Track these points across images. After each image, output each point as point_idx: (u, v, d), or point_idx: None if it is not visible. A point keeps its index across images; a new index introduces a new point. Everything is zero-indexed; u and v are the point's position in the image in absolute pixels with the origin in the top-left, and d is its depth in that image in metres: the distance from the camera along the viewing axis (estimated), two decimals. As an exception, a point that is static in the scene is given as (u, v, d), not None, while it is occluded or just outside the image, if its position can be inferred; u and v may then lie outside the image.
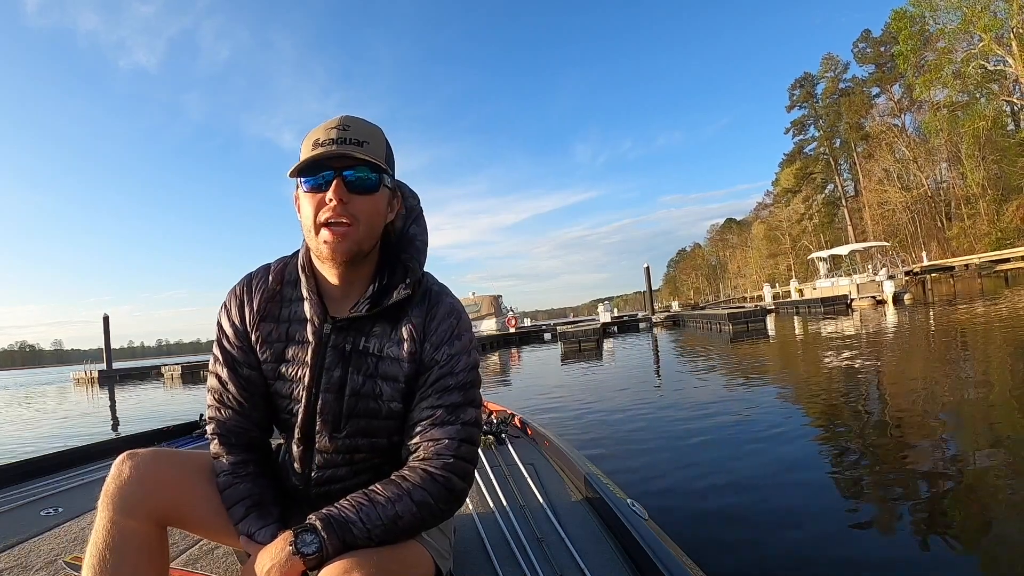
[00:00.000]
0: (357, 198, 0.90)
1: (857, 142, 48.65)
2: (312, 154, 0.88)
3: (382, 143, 0.95)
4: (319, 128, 0.91)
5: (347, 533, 0.80)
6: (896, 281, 20.65)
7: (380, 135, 0.95)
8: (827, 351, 8.59)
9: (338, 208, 0.88)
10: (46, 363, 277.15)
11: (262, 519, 0.92)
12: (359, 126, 0.92)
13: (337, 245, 0.89)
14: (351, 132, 0.90)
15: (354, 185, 0.90)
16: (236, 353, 1.00)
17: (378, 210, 0.94)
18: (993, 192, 35.29)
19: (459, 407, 0.94)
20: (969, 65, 29.93)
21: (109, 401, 14.21)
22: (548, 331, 27.40)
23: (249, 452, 1.00)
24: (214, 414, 1.01)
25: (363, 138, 0.90)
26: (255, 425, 1.01)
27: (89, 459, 2.50)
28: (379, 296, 0.95)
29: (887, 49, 43.09)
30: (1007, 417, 3.63)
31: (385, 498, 0.85)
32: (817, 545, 2.09)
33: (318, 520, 0.81)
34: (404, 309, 0.97)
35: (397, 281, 0.96)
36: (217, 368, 1.01)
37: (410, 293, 0.96)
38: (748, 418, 4.33)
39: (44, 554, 1.42)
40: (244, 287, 1.02)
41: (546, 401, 6.51)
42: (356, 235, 0.90)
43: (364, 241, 0.92)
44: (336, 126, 0.90)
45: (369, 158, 0.89)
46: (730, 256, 79.48)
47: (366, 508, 0.83)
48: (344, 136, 0.89)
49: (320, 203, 0.89)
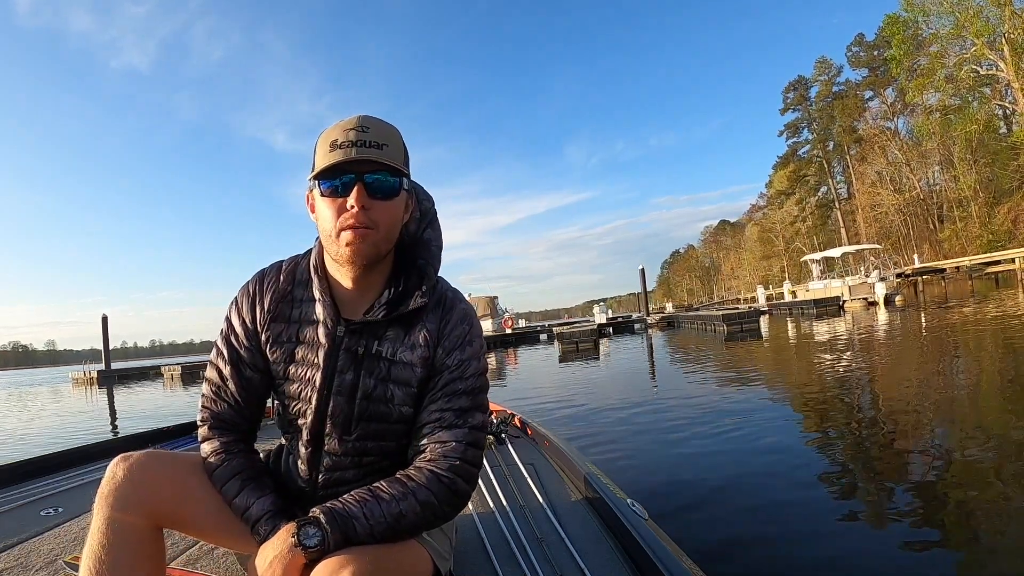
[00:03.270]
0: (377, 203, 0.89)
1: (850, 145, 48.96)
2: (333, 160, 0.86)
3: (400, 145, 0.92)
4: (336, 128, 0.89)
5: (349, 528, 0.80)
6: (888, 283, 20.84)
7: (398, 136, 0.93)
8: (820, 351, 8.68)
9: (359, 214, 0.87)
10: (39, 363, 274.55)
11: (258, 490, 0.92)
12: (378, 127, 0.89)
13: (358, 250, 0.88)
14: (371, 134, 0.87)
15: (375, 190, 0.88)
16: (243, 352, 0.99)
17: (397, 214, 0.93)
18: (985, 195, 35.60)
19: (467, 411, 0.94)
20: (961, 69, 30.20)
21: (108, 401, 14.13)
22: (544, 332, 27.54)
23: (239, 435, 0.99)
24: (208, 404, 1.00)
25: (383, 140, 0.88)
26: (246, 421, 1.01)
27: (89, 459, 2.48)
28: (396, 302, 0.95)
29: (880, 53, 43.34)
30: (995, 415, 3.68)
31: (389, 495, 0.85)
32: (816, 544, 2.11)
33: (321, 513, 0.81)
34: (419, 314, 0.96)
35: (413, 287, 0.96)
36: (219, 363, 1.00)
37: (427, 301, 0.96)
38: (745, 418, 4.36)
39: (44, 554, 1.41)
40: (256, 285, 1.01)
41: (545, 401, 6.52)
42: (376, 239, 0.89)
43: (383, 245, 0.92)
44: (355, 127, 0.88)
45: (390, 163, 0.87)
46: (724, 258, 79.76)
47: (370, 504, 0.83)
48: (364, 138, 0.87)
49: (340, 208, 0.88)
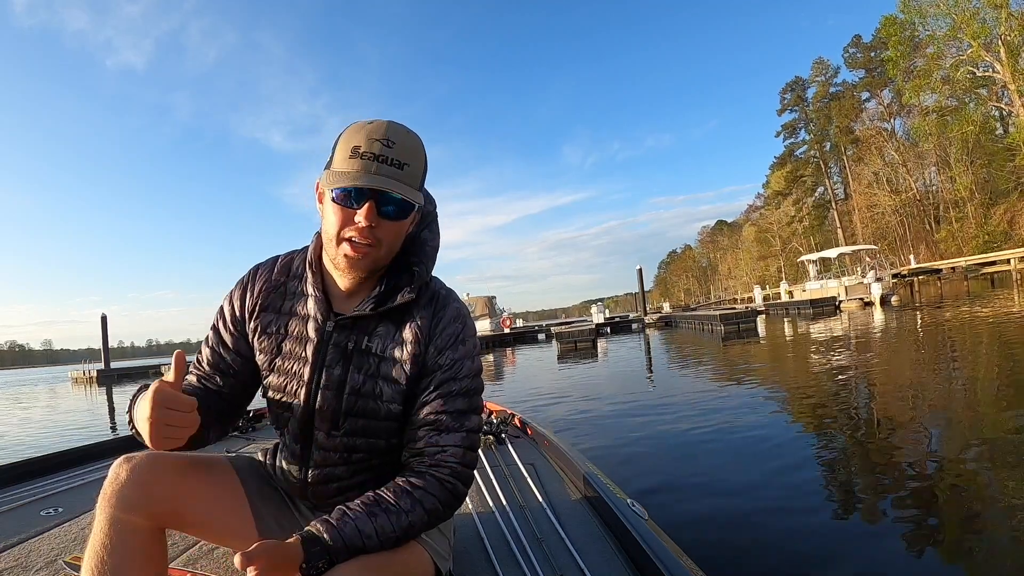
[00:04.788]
0: (386, 223, 0.88)
1: (847, 146, 49.02)
2: (351, 169, 0.85)
3: (422, 162, 0.90)
4: (361, 131, 0.86)
5: (360, 550, 0.80)
6: (884, 283, 20.94)
7: (421, 152, 0.90)
8: (816, 351, 8.70)
9: (365, 231, 0.86)
10: (36, 363, 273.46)
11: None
12: (404, 143, 0.87)
13: (356, 263, 0.89)
14: (395, 151, 0.85)
15: (386, 211, 0.87)
16: (227, 338, 1.01)
17: (403, 232, 0.93)
18: (981, 196, 35.73)
19: (463, 414, 0.94)
20: (958, 71, 30.27)
21: (107, 400, 14.05)
22: (542, 332, 27.54)
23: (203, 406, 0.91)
24: (186, 385, 0.99)
25: (406, 159, 0.86)
26: (220, 401, 1.00)
27: (89, 459, 2.48)
28: (384, 297, 0.95)
29: (877, 54, 43.45)
30: (990, 413, 3.69)
31: (399, 508, 0.85)
32: (815, 544, 2.12)
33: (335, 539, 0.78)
34: (409, 311, 0.96)
35: (403, 283, 0.96)
36: (204, 348, 1.03)
37: (415, 296, 0.95)
38: (743, 417, 4.37)
39: (44, 554, 1.41)
40: (250, 276, 1.04)
41: (545, 400, 6.52)
42: (377, 255, 0.90)
43: (383, 260, 0.92)
44: (380, 138, 0.85)
45: (406, 197, 0.85)
46: (721, 258, 79.79)
47: (380, 519, 0.82)
48: (387, 155, 0.84)
49: (348, 218, 0.87)
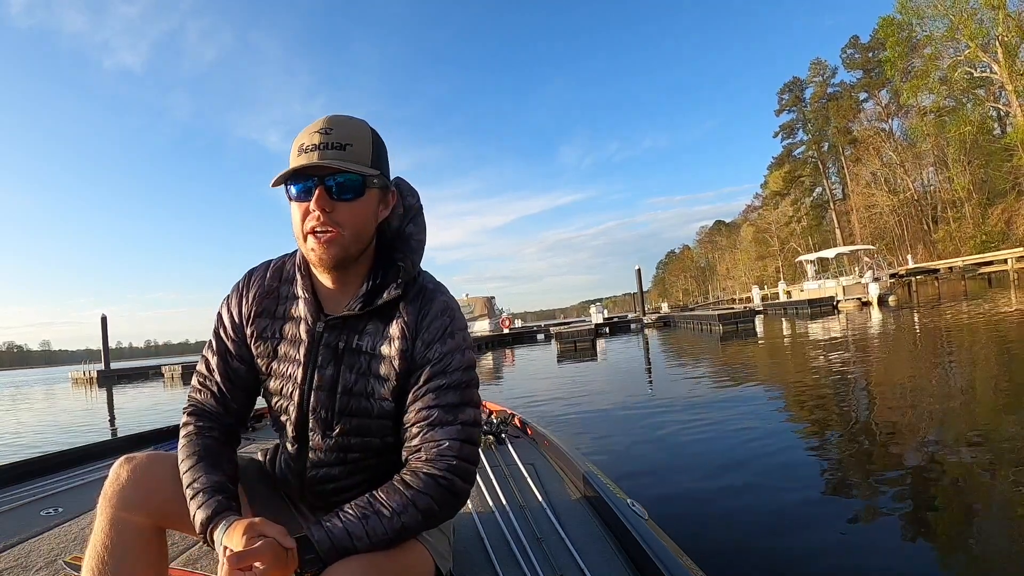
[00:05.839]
0: (341, 205, 0.89)
1: (845, 146, 49.10)
2: (292, 166, 0.87)
3: (367, 142, 0.91)
4: (304, 131, 0.89)
5: (351, 551, 0.80)
6: (881, 283, 20.97)
7: (366, 133, 0.92)
8: (814, 351, 8.71)
9: (322, 217, 0.88)
10: (34, 364, 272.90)
11: (208, 468, 0.90)
12: (343, 127, 0.89)
13: (324, 253, 0.89)
14: (334, 136, 0.87)
15: (337, 192, 0.88)
16: (229, 344, 1.02)
17: (365, 213, 0.92)
18: (979, 196, 35.78)
19: (457, 407, 0.92)
20: (955, 71, 30.42)
21: (107, 400, 14.05)
22: (541, 332, 27.60)
23: (217, 424, 0.99)
24: (194, 394, 1.02)
25: (346, 141, 0.88)
26: (230, 414, 1.02)
27: (89, 459, 2.48)
28: (371, 295, 0.95)
29: (875, 55, 43.55)
30: (987, 411, 3.70)
31: (391, 511, 0.84)
32: (814, 543, 2.13)
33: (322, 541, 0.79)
34: (397, 307, 0.96)
35: (390, 280, 0.96)
36: (208, 354, 1.03)
37: (401, 292, 0.95)
38: (742, 417, 4.38)
39: (44, 554, 1.41)
40: (244, 282, 1.04)
41: (545, 400, 6.53)
42: (343, 242, 0.90)
43: (352, 246, 0.92)
44: (319, 129, 0.88)
45: (349, 168, 0.87)
46: (719, 258, 79.86)
47: (372, 520, 0.82)
48: (327, 141, 0.87)
49: (306, 212, 0.89)
